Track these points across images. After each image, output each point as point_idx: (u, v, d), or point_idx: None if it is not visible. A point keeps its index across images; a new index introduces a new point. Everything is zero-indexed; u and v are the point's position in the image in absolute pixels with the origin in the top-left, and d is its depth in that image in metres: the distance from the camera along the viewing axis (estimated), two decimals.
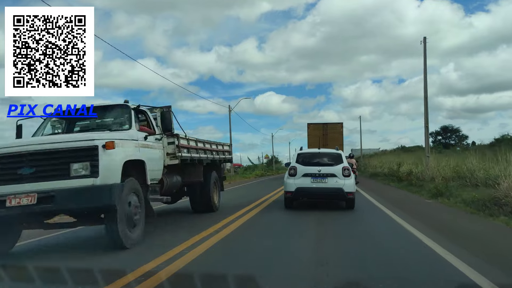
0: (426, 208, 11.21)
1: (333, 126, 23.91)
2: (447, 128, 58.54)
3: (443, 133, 58.89)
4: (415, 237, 6.54)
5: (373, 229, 7.70)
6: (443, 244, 5.69)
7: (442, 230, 7.15)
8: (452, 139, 58.04)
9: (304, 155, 10.78)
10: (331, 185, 9.93)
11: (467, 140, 56.05)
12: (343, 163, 10.32)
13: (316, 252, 5.53)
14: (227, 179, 21.68)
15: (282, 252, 5.49)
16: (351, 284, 4.00)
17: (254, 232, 7.44)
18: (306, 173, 10.13)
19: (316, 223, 8.46)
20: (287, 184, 10.32)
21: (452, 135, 58.56)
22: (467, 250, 5.39)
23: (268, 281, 3.98)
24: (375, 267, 4.73)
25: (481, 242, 6.37)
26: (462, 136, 58.57)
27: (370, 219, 9.11)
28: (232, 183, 24.68)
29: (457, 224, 8.28)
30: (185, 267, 4.59)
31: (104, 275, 4.06)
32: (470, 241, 6.32)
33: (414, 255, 5.40)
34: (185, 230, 7.42)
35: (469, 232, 7.24)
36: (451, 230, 7.36)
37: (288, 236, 6.81)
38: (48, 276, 4.29)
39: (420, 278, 4.22)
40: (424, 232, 6.77)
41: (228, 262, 5.08)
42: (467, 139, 56.84)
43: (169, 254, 5.27)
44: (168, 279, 4.09)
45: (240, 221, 8.42)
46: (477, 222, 8.31)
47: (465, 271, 4.39)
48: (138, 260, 4.94)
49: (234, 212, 9.74)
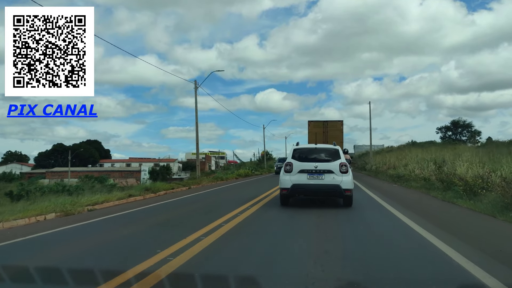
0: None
1: (333, 123, 23.92)
2: (457, 123, 54.91)
3: (453, 128, 55.51)
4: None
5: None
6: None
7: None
8: (464, 134, 54.34)
9: (300, 151, 10.37)
10: (328, 182, 9.60)
11: (480, 136, 51.30)
12: (341, 159, 9.92)
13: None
14: (189, 183, 18.80)
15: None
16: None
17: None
18: (302, 169, 9.77)
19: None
20: (283, 180, 9.97)
21: (463, 130, 54.87)
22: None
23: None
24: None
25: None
26: (475, 131, 53.60)
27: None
28: (182, 192, 16.22)
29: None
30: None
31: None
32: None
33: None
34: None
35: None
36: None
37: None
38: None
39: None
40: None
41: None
42: (480, 135, 52.21)
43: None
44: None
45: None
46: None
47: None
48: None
49: None
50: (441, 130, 57.10)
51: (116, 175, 63.43)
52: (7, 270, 4.27)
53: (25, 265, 4.47)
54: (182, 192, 16.26)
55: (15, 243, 5.98)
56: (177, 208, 10.79)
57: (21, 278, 4.18)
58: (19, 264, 4.67)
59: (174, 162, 79.67)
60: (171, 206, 11.19)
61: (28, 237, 6.41)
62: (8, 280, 4.02)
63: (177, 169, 75.48)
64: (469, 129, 54.92)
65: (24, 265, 4.49)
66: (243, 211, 8.97)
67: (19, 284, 4.06)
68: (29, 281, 4.04)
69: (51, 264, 4.66)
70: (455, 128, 54.97)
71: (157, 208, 10.64)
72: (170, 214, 9.58)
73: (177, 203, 12.06)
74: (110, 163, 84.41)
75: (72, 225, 7.55)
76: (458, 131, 54.88)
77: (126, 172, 68.13)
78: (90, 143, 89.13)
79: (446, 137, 52.39)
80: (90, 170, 65.34)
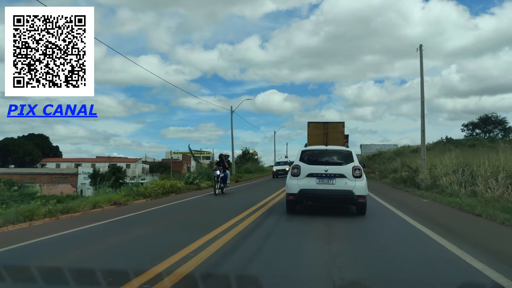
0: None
1: (334, 125, 22.59)
2: (488, 118, 49.87)
3: (482, 125, 50.23)
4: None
5: None
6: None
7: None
8: (495, 132, 48.89)
9: (309, 153, 9.55)
10: (340, 187, 8.79)
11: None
12: (354, 162, 9.09)
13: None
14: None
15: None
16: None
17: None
18: (311, 173, 9.00)
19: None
20: (289, 185, 9.18)
21: (494, 127, 49.55)
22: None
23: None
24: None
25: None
26: (510, 128, 48.28)
27: None
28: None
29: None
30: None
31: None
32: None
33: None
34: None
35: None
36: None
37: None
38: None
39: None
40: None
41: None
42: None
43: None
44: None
45: None
46: None
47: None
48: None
49: None
50: (467, 128, 52.67)
51: (44, 178, 52.50)
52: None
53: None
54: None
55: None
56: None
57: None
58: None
59: (135, 163, 68.96)
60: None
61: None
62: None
63: (140, 171, 64.75)
64: (504, 125, 49.27)
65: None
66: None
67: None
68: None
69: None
70: (485, 125, 50.39)
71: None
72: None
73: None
74: (55, 163, 70.41)
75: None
76: (488, 129, 50.06)
77: (58, 176, 55.11)
78: (32, 137, 74.32)
79: (472, 136, 46.82)
80: (9, 172, 50.25)
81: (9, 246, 5.90)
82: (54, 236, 6.77)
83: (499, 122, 50.02)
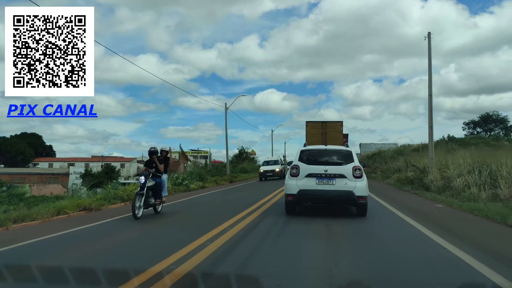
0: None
1: (332, 124, 22.41)
2: (489, 117, 48.86)
3: (483, 124, 49.29)
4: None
5: None
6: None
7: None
8: (496, 131, 48.18)
9: (308, 152, 9.42)
10: (340, 188, 8.67)
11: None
12: (354, 162, 8.97)
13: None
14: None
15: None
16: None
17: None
18: (311, 173, 8.89)
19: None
20: (288, 185, 9.05)
21: (496, 126, 48.73)
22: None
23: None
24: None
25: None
26: (511, 127, 47.45)
27: None
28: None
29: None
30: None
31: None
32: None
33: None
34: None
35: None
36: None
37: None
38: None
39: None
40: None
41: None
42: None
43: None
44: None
45: None
46: None
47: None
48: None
49: None
50: (468, 126, 51.95)
51: (34, 178, 51.30)
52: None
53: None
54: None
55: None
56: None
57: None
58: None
59: (130, 162, 66.70)
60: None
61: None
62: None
63: (135, 171, 60.32)
64: (505, 123, 48.55)
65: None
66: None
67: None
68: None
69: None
70: (486, 123, 49.61)
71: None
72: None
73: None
74: (48, 163, 68.65)
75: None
76: (489, 128, 49.30)
77: (48, 176, 53.57)
78: (24, 136, 72.30)
79: (472, 135, 45.48)
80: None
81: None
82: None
83: (500, 121, 49.47)
